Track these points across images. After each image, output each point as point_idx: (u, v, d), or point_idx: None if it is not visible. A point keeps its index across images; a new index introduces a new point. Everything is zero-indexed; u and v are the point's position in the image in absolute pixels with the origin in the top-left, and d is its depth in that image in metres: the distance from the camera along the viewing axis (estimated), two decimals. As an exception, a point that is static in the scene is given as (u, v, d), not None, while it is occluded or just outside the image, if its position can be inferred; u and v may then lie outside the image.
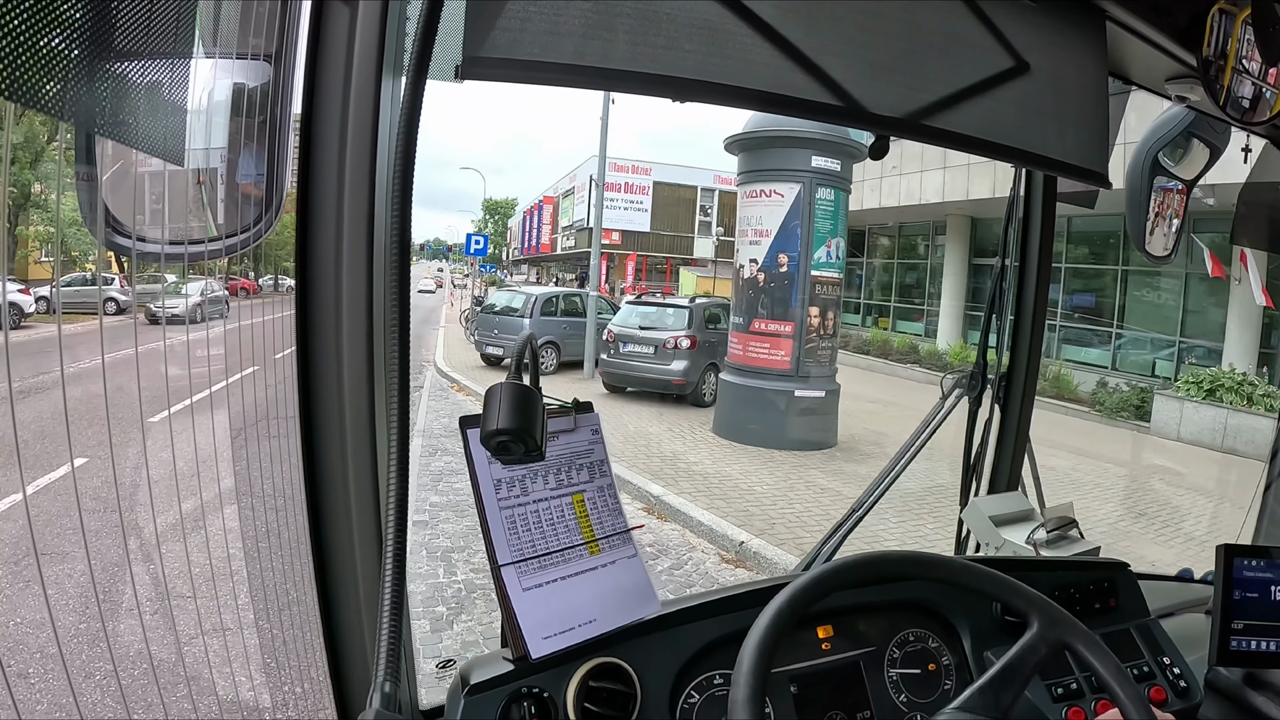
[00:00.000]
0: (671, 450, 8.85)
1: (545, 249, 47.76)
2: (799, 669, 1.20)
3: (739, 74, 1.01)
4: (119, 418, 1.08)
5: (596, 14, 0.94)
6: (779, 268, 9.54)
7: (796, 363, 9.51)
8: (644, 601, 1.12)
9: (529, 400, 0.87)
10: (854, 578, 0.96)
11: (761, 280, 9.65)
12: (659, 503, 6.79)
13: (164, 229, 1.03)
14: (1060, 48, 1.30)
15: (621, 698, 1.06)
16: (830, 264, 9.65)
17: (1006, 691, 0.91)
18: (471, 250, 23.60)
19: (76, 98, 0.78)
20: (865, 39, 1.11)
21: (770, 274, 9.60)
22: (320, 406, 0.99)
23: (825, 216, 9.46)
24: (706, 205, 36.16)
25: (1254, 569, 1.29)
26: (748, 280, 9.84)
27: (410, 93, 0.74)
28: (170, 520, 1.51)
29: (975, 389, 2.00)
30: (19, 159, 5.42)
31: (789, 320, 9.51)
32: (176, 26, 0.89)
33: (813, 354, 9.56)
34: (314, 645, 1.08)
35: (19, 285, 4.44)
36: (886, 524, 6.15)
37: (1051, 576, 1.43)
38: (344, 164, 0.94)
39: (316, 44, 0.92)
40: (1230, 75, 1.44)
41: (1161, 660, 1.38)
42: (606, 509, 1.13)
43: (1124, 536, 6.72)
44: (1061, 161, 1.34)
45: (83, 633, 3.37)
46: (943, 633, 1.31)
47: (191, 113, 0.95)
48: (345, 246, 0.95)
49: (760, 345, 9.67)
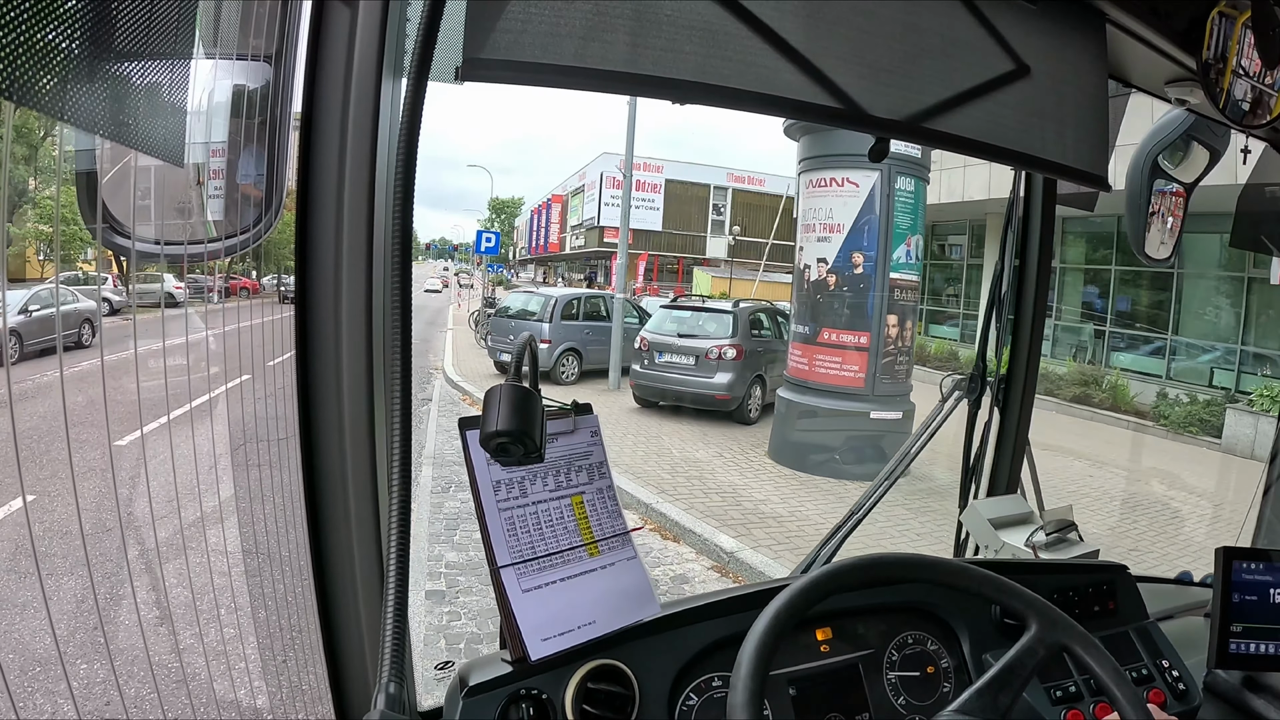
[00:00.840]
0: (729, 483, 7.55)
1: (554, 248, 47.55)
2: (798, 671, 1.20)
3: (739, 76, 1.01)
4: (118, 415, 1.08)
5: (597, 16, 0.94)
6: (853, 269, 8.13)
7: (872, 380, 8.10)
8: (643, 603, 1.12)
9: (528, 402, 0.87)
10: (852, 580, 0.96)
11: (833, 284, 8.22)
12: (733, 560, 5.57)
13: (163, 229, 1.03)
14: (1060, 50, 1.30)
15: (620, 700, 1.06)
16: (909, 265, 8.27)
17: (1005, 693, 0.91)
18: (482, 248, 22.54)
19: (77, 98, 0.78)
20: (865, 41, 1.11)
21: (843, 276, 8.17)
22: (319, 407, 0.99)
23: (905, 210, 8.10)
24: (719, 204, 35.99)
25: (1253, 572, 1.29)
26: (815, 283, 8.39)
27: (411, 94, 0.74)
28: (171, 524, 1.51)
29: (975, 391, 2.00)
30: (13, 154, 5.41)
31: (864, 330, 8.12)
32: (177, 27, 0.89)
33: (889, 369, 8.16)
34: (313, 647, 1.08)
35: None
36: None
37: (1050, 579, 1.43)
38: (344, 165, 0.94)
39: (317, 45, 0.92)
40: (1230, 78, 1.44)
41: (1160, 663, 1.38)
42: (605, 511, 1.13)
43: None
44: (1061, 164, 1.34)
45: (83, 635, 3.36)
46: (942, 635, 1.31)
47: (192, 113, 0.95)
48: (345, 247, 0.95)
49: (830, 359, 8.26)
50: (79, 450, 1.13)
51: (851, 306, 8.20)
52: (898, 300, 8.15)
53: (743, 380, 10.70)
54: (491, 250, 22.88)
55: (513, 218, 68.69)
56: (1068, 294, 16.62)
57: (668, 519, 6.36)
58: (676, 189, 35.02)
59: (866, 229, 8.04)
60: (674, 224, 35.16)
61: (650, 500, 6.74)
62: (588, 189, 38.27)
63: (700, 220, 35.82)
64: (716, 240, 35.46)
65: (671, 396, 11.10)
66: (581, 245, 40.16)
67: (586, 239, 38.82)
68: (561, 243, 45.54)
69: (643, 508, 6.69)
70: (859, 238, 8.09)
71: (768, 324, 11.88)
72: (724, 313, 11.36)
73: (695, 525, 6.13)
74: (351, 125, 0.94)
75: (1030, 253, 1.92)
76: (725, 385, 10.58)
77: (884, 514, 6.44)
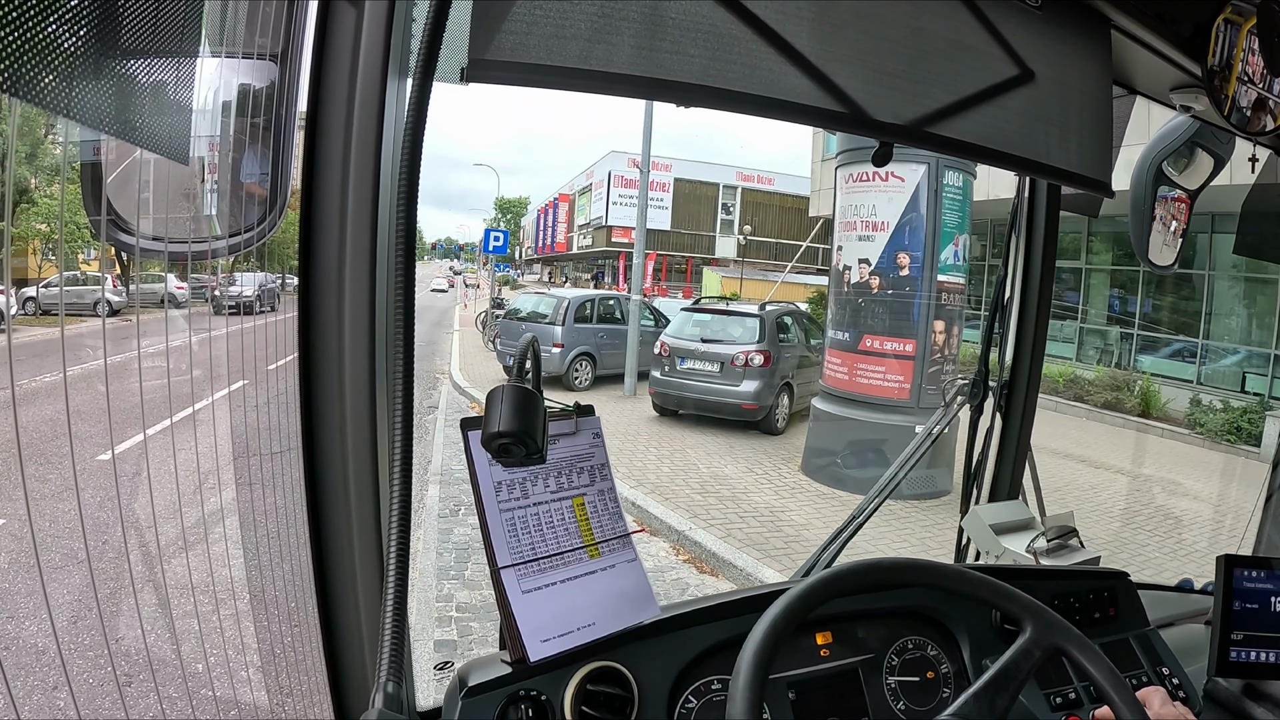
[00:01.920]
0: (765, 504, 7.01)
1: (561, 248, 47.51)
2: (797, 675, 1.20)
3: (743, 80, 1.01)
4: (126, 415, 1.08)
5: (602, 18, 0.94)
6: (898, 270, 7.45)
7: (918, 391, 7.39)
8: (643, 606, 1.12)
9: (531, 403, 0.87)
10: (851, 584, 0.96)
11: (876, 286, 7.56)
12: (781, 595, 5.26)
13: (166, 226, 1.04)
14: (1065, 56, 1.30)
15: (619, 701, 1.06)
16: (957, 266, 7.57)
17: (1001, 697, 0.91)
18: (490, 247, 21.88)
19: (83, 96, 0.78)
20: (870, 46, 1.11)
21: (887, 279, 7.51)
22: (321, 404, 0.99)
23: (953, 207, 7.42)
24: (728, 203, 35.99)
25: (1254, 580, 1.29)
26: (856, 286, 7.71)
27: (417, 94, 0.74)
28: (173, 524, 1.51)
29: (977, 397, 2.00)
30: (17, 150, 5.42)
31: (910, 337, 7.44)
32: (183, 25, 0.89)
33: (935, 379, 7.44)
34: (312, 645, 1.08)
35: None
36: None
37: (1051, 585, 1.42)
38: (348, 164, 0.94)
39: (322, 45, 0.92)
40: (1235, 85, 1.44)
41: (1161, 670, 1.38)
42: (607, 513, 1.13)
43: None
44: (1065, 170, 1.34)
45: (83, 632, 3.37)
46: (942, 641, 1.31)
47: (197, 112, 0.95)
48: (348, 246, 0.95)
49: (873, 369, 7.61)
50: (81, 447, 1.13)
51: (896, 311, 7.54)
52: (944, 305, 7.51)
53: (770, 388, 10.09)
54: (500, 250, 22.34)
55: (519, 217, 68.80)
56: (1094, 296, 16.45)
57: (703, 548, 5.84)
58: (685, 188, 35.03)
59: (911, 227, 7.42)
60: (683, 223, 35.17)
61: (683, 527, 6.20)
62: (595, 188, 38.28)
63: (709, 219, 35.83)
64: (726, 240, 35.44)
65: (694, 405, 10.45)
66: (589, 245, 40.18)
67: (594, 238, 38.84)
68: (569, 242, 45.56)
69: (675, 535, 6.15)
70: (904, 236, 7.45)
71: (793, 327, 11.29)
72: (750, 316, 10.68)
73: (735, 557, 5.63)
74: (356, 125, 0.94)
75: (1034, 259, 1.92)
76: (752, 394, 9.97)
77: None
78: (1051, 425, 11.98)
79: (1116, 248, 15.82)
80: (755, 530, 6.26)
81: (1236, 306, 14.01)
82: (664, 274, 34.03)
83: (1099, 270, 16.35)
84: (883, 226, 7.51)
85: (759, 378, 10.02)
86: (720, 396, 10.13)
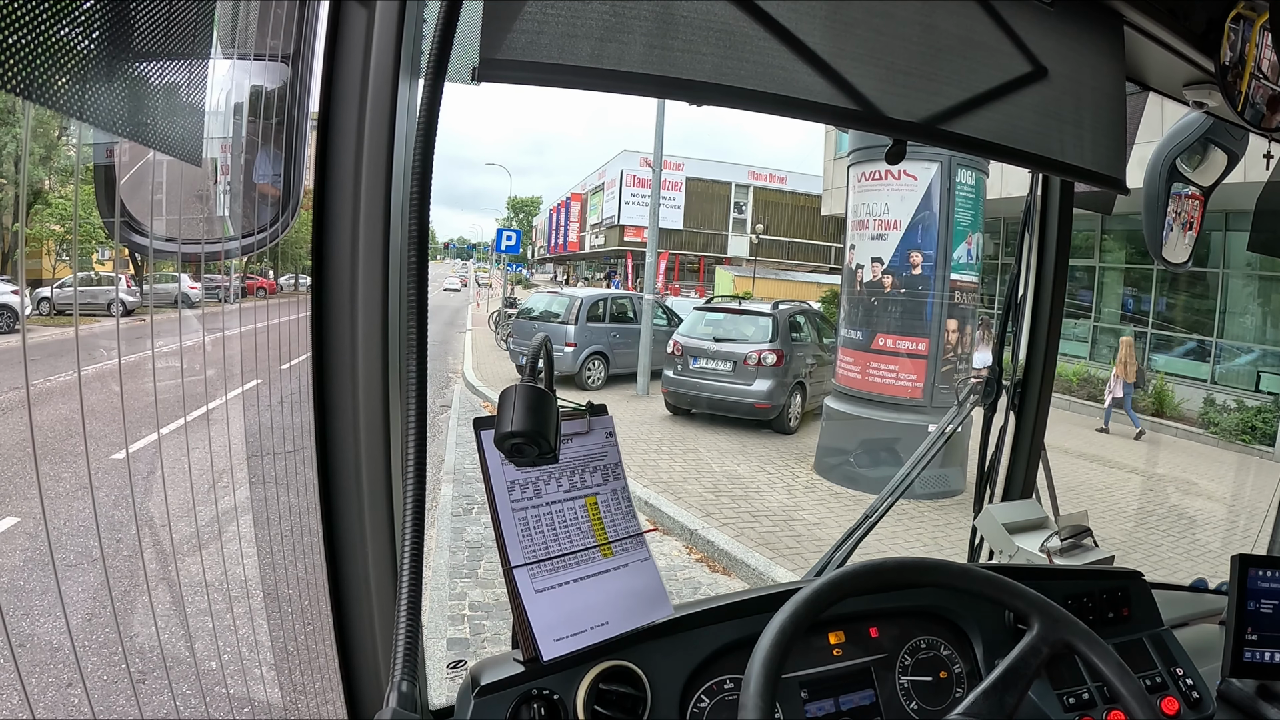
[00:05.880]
0: (777, 503, 7.02)
1: (573, 247, 47.53)
2: (809, 675, 1.19)
3: (755, 78, 1.01)
4: (142, 415, 1.09)
5: (613, 16, 0.94)
6: (911, 269, 7.46)
7: (931, 391, 7.39)
8: (656, 605, 1.12)
9: (543, 402, 0.88)
10: (861, 584, 0.96)
11: (889, 285, 7.55)
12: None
13: (180, 226, 1.04)
14: (1078, 52, 1.29)
15: (631, 701, 1.06)
16: (970, 265, 7.57)
17: (1010, 694, 0.91)
18: (503, 246, 21.84)
19: (96, 99, 0.79)
20: (882, 43, 1.10)
21: (900, 278, 7.51)
22: (335, 403, 0.99)
23: (965, 205, 7.39)
24: (740, 202, 35.92)
25: (1269, 580, 1.28)
26: (869, 285, 7.71)
27: (429, 94, 0.74)
28: (187, 522, 1.52)
29: (990, 396, 1.99)
30: (32, 151, 5.46)
31: (923, 336, 7.43)
32: (195, 27, 0.89)
33: (948, 379, 7.44)
34: (326, 644, 1.09)
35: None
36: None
37: (1064, 585, 1.42)
38: (360, 164, 0.95)
39: (334, 46, 0.93)
40: (1248, 81, 1.43)
41: (1174, 671, 1.37)
42: (620, 512, 1.13)
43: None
44: (1078, 167, 1.33)
45: (97, 630, 3.39)
46: (955, 641, 1.31)
47: (209, 113, 0.96)
48: (361, 246, 0.96)
49: (885, 368, 7.59)
50: (95, 446, 1.14)
51: (909, 310, 7.53)
52: (957, 304, 7.51)
53: (783, 387, 10.02)
54: (513, 249, 22.33)
55: (531, 217, 69.01)
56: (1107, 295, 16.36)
57: (715, 548, 5.85)
58: (697, 187, 34.98)
59: (923, 226, 7.40)
60: (695, 222, 35.09)
61: (695, 526, 6.20)
62: (607, 187, 38.29)
63: (721, 218, 35.75)
64: (738, 239, 35.35)
65: (707, 405, 10.39)
66: (601, 244, 40.20)
67: (606, 238, 38.86)
68: (581, 241, 45.59)
69: (687, 534, 6.16)
70: (916, 235, 7.44)
71: (806, 326, 11.25)
72: (763, 315, 10.61)
73: (748, 556, 5.59)
74: (368, 125, 0.94)
75: (1047, 257, 1.91)
76: (765, 393, 9.89)
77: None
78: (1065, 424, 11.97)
79: (1130, 246, 15.67)
80: (768, 529, 6.26)
81: (1251, 305, 13.89)
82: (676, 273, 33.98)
83: (1112, 269, 16.22)
84: (895, 225, 7.52)
85: (772, 377, 9.98)
86: (733, 396, 10.10)
